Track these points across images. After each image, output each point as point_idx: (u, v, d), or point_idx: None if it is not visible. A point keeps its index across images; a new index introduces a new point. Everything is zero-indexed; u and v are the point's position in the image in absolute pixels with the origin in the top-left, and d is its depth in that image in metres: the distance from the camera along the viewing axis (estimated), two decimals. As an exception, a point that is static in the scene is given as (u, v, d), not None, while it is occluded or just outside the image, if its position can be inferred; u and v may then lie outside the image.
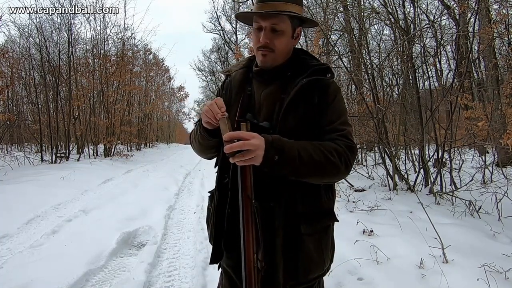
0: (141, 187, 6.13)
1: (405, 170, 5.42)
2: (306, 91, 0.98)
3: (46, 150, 9.76)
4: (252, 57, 1.14)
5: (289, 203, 0.96)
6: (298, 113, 0.97)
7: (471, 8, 4.64)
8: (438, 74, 6.69)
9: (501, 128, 5.03)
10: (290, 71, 1.03)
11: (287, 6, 0.96)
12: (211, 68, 29.82)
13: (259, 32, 0.99)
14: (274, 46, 0.99)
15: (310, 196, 0.99)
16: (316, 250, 1.00)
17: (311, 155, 0.89)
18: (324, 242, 1.03)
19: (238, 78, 1.10)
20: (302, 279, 0.99)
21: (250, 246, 0.86)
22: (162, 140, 28.10)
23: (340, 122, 0.99)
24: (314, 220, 1.00)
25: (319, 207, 1.01)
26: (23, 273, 2.39)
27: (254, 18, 1.01)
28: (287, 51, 1.04)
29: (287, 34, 1.00)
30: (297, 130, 0.96)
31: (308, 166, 0.89)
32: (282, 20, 0.97)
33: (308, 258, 0.98)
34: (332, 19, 8.62)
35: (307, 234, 0.98)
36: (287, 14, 0.96)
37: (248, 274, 0.86)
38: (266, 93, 1.03)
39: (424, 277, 2.15)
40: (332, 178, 0.98)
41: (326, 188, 1.03)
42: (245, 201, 0.88)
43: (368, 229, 2.96)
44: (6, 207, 4.13)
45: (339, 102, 1.02)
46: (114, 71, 11.96)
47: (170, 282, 2.40)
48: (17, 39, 11.77)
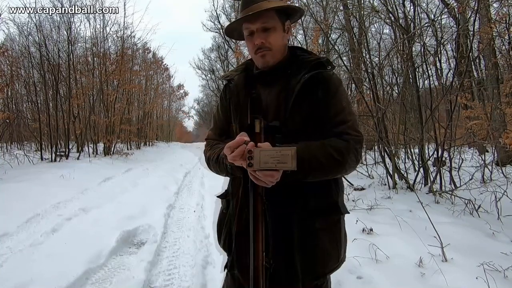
0: (141, 186, 6.13)
1: (405, 169, 5.43)
2: (309, 86, 0.99)
3: (45, 148, 9.74)
4: (249, 61, 1.16)
5: (302, 199, 0.98)
6: (304, 109, 0.98)
7: (471, 7, 4.63)
8: (438, 73, 6.69)
9: (501, 127, 5.04)
10: (290, 69, 1.04)
11: (269, 4, 0.98)
12: (211, 67, 29.81)
13: (252, 36, 1.02)
14: (270, 43, 1.00)
15: (321, 191, 1.01)
16: (331, 244, 1.02)
17: (320, 161, 0.91)
18: (338, 234, 1.05)
19: (241, 81, 1.10)
20: (320, 273, 1.02)
21: (259, 244, 0.88)
22: (162, 138, 28.07)
23: (345, 113, 1.00)
24: (327, 214, 1.02)
25: (330, 201, 1.04)
26: (23, 272, 2.40)
27: (244, 27, 1.03)
28: (283, 46, 1.05)
29: (278, 29, 1.02)
30: (305, 126, 0.98)
31: (317, 172, 0.93)
32: (270, 17, 1.00)
33: (324, 251, 1.01)
34: (332, 18, 8.61)
35: (321, 228, 1.00)
36: (271, 8, 0.98)
37: (256, 271, 0.87)
38: (271, 94, 1.04)
39: (423, 275, 2.15)
40: (344, 174, 1.03)
41: (335, 182, 1.06)
42: (256, 199, 0.89)
43: (368, 228, 2.96)
44: (6, 205, 4.14)
45: (342, 94, 1.04)
46: (114, 70, 11.93)
47: (170, 281, 2.40)
48: (17, 37, 11.75)
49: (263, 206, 0.89)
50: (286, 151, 0.82)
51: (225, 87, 1.16)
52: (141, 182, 6.51)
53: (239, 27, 1.06)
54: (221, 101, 1.17)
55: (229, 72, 1.17)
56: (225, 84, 1.16)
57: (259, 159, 0.83)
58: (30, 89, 11.45)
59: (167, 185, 6.21)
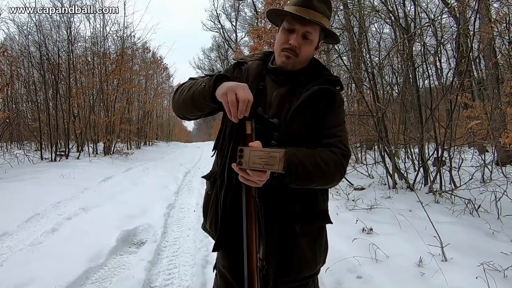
0: (141, 185, 6.13)
1: (405, 168, 5.42)
2: (315, 97, 1.01)
3: (45, 148, 9.75)
4: (268, 52, 1.15)
5: (286, 203, 0.99)
6: (304, 117, 1.00)
7: (472, 6, 4.63)
8: (438, 72, 6.69)
9: (501, 127, 5.04)
10: (303, 77, 1.06)
11: (322, 19, 1.00)
12: (211, 66, 29.83)
13: (290, 33, 1.01)
14: (300, 51, 1.01)
15: (307, 198, 1.03)
16: (310, 250, 1.03)
17: (308, 169, 0.91)
18: (318, 242, 1.07)
19: (254, 68, 1.09)
20: (294, 276, 1.02)
21: (253, 245, 0.88)
22: (162, 138, 28.07)
23: (339, 129, 1.03)
24: (310, 221, 1.03)
25: (315, 208, 1.05)
26: (23, 271, 2.40)
27: (288, 19, 1.01)
28: (308, 60, 1.07)
29: (313, 44, 1.03)
30: (300, 133, 0.99)
31: (303, 179, 0.92)
32: (315, 30, 1.01)
33: (301, 256, 1.01)
34: (332, 17, 8.60)
35: (301, 233, 1.01)
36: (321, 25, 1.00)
37: (250, 273, 0.87)
38: (278, 93, 1.05)
39: (423, 275, 2.15)
40: (327, 186, 1.05)
41: (321, 191, 1.07)
42: (249, 199, 0.89)
43: (368, 228, 2.96)
44: (6, 205, 4.14)
45: (342, 113, 1.07)
46: (114, 69, 11.93)
47: (170, 280, 2.41)
48: (16, 37, 11.75)
49: (256, 208, 0.89)
50: (274, 154, 0.82)
51: (235, 65, 1.13)
52: (141, 182, 6.51)
53: (282, 14, 1.05)
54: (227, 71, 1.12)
55: (244, 56, 1.16)
56: (235, 63, 1.14)
57: (249, 158, 0.84)
58: (30, 89, 11.45)
59: (167, 184, 6.21)
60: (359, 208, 3.79)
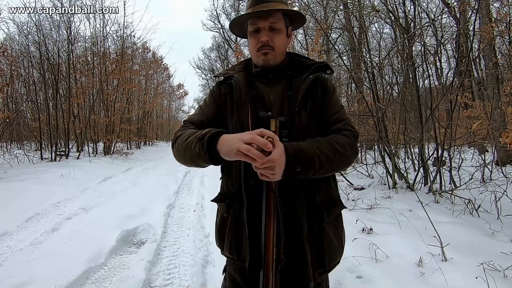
0: (140, 185, 6.13)
1: (405, 168, 5.42)
2: (312, 87, 1.04)
3: (45, 148, 9.76)
4: (245, 61, 1.17)
5: (309, 195, 1.01)
6: (308, 108, 1.03)
7: (472, 6, 4.62)
8: (438, 72, 6.69)
9: (501, 126, 5.03)
10: (290, 71, 1.09)
11: (279, 6, 1.03)
12: (211, 66, 29.79)
13: (257, 33, 1.04)
14: (274, 44, 1.04)
15: (323, 186, 1.05)
16: (335, 237, 1.06)
17: (329, 156, 0.94)
18: (340, 227, 1.10)
19: (241, 79, 1.09)
20: (327, 266, 1.04)
21: (270, 238, 0.89)
22: (162, 138, 28.10)
23: (342, 112, 1.07)
24: (330, 208, 1.05)
25: (331, 196, 1.08)
26: (23, 271, 2.40)
27: (250, 22, 1.05)
28: (284, 49, 1.09)
29: (283, 32, 1.06)
30: (310, 124, 1.02)
31: (326, 167, 0.95)
32: (279, 19, 1.03)
33: (330, 245, 1.04)
34: (332, 17, 8.60)
35: (326, 222, 1.04)
36: (281, 10, 1.03)
37: (266, 264, 0.89)
38: (275, 92, 1.06)
39: (423, 275, 2.15)
40: (344, 169, 1.10)
41: (333, 178, 1.11)
42: (269, 194, 0.91)
43: (368, 227, 2.96)
44: (6, 205, 4.14)
45: (337, 96, 1.11)
46: (114, 69, 11.93)
47: (170, 280, 2.40)
48: (16, 36, 11.76)
49: (276, 202, 0.91)
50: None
51: (220, 83, 1.14)
52: (141, 181, 6.51)
53: (244, 23, 1.08)
54: (212, 95, 1.14)
55: (226, 70, 1.16)
56: (220, 81, 1.15)
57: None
58: (30, 89, 11.47)
59: (167, 184, 6.21)
60: (359, 208, 3.79)
